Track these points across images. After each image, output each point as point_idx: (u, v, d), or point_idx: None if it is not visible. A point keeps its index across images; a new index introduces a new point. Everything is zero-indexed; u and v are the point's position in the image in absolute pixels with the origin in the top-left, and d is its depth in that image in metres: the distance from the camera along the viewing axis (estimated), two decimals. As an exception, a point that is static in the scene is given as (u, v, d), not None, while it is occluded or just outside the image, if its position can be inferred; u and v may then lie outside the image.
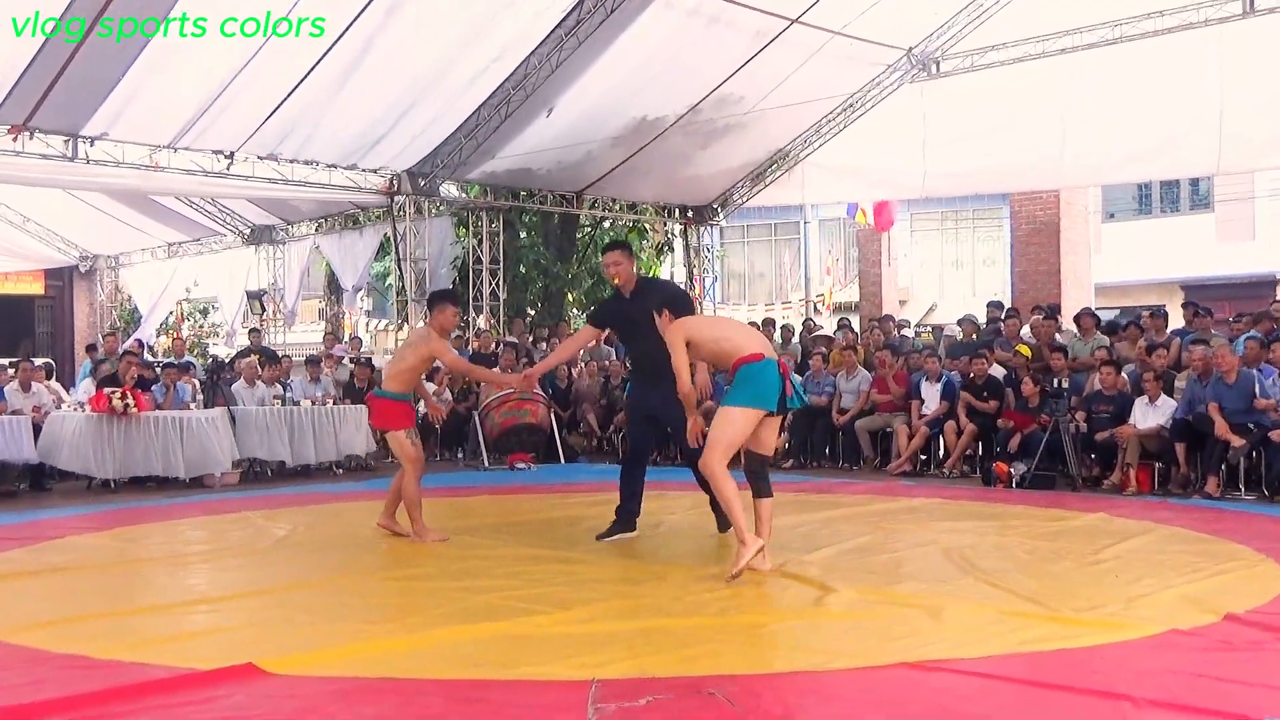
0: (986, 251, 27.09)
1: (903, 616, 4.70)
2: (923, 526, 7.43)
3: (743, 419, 5.53)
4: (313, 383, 12.99)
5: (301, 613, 4.94)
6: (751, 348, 5.63)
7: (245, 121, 12.43)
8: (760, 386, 5.53)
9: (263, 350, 14.61)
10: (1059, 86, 13.83)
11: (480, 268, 15.88)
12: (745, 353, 5.60)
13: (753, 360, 5.57)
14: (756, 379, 5.53)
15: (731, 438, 5.52)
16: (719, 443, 5.49)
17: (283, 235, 18.21)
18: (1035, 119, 14.13)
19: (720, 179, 16.82)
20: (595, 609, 4.87)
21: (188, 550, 7.01)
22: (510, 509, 8.64)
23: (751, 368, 5.55)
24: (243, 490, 10.62)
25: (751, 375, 5.54)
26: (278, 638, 4.45)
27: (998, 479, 10.01)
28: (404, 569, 6.12)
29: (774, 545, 6.56)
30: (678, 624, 4.64)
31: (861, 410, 12.00)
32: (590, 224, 18.67)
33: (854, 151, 15.68)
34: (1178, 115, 13.16)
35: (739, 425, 5.53)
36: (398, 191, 14.49)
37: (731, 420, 5.52)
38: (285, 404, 11.93)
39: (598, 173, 15.46)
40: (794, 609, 4.93)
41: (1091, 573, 5.73)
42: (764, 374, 5.54)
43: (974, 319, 13.31)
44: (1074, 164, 14.32)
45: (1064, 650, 4.12)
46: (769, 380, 5.54)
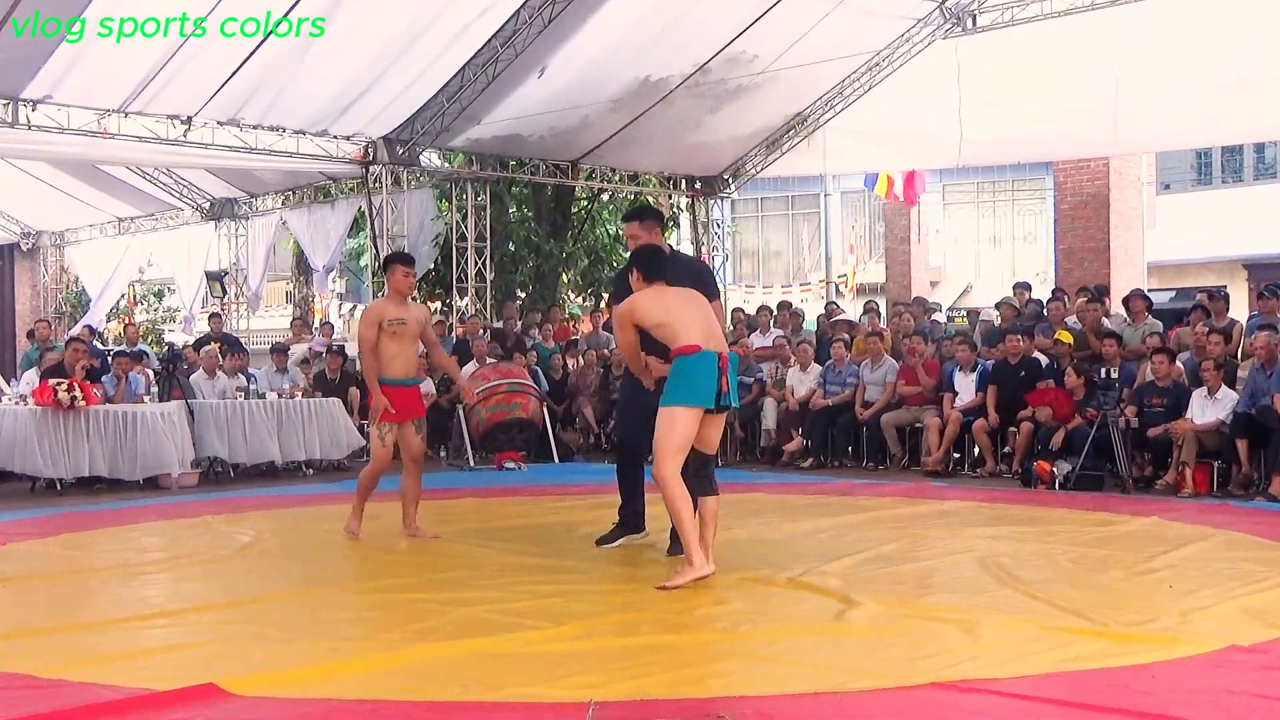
0: (1027, 227, 27.06)
1: (933, 632, 4.71)
2: (955, 532, 7.43)
3: (685, 418, 5.58)
4: (279, 373, 13.01)
5: (268, 627, 4.95)
6: (688, 338, 5.65)
7: (204, 83, 12.42)
8: (695, 381, 5.57)
9: (225, 338, 14.64)
10: (1110, 41, 13.73)
11: (465, 245, 15.89)
12: (680, 343, 5.64)
13: (686, 352, 5.61)
14: (690, 373, 5.58)
15: (678, 440, 5.56)
16: (665, 448, 5.54)
17: (246, 210, 18.21)
18: (1083, 78, 14.05)
19: (731, 147, 16.80)
20: (592, 623, 4.87)
21: (142, 559, 7.02)
22: (498, 513, 8.65)
23: (684, 361, 5.61)
24: (202, 492, 10.64)
25: (684, 369, 5.60)
26: (242, 655, 4.46)
27: (1039, 479, 10.01)
28: (381, 580, 6.13)
29: (790, 553, 6.58)
30: (683, 640, 4.65)
31: (887, 403, 12.00)
32: (587, 197, 18.66)
33: (880, 116, 15.63)
34: (1244, 72, 13.00)
35: (682, 426, 5.57)
36: (373, 161, 14.49)
37: (673, 421, 5.57)
38: (249, 397, 11.95)
39: (595, 140, 15.45)
40: (812, 624, 4.94)
41: (1143, 583, 5.74)
42: (698, 367, 5.59)
43: (1012, 301, 13.30)
44: (1126, 129, 14.26)
45: (1112, 669, 4.13)
46: (704, 374, 5.58)
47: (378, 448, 7.18)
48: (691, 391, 5.58)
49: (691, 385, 5.58)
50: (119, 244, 19.72)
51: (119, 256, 19.76)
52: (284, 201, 17.63)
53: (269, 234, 18.12)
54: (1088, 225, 18.13)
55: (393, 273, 7.25)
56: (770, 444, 12.79)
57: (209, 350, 12.72)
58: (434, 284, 17.56)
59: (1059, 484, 9.87)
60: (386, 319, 7.11)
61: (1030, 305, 13.08)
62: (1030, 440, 10.70)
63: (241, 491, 10.59)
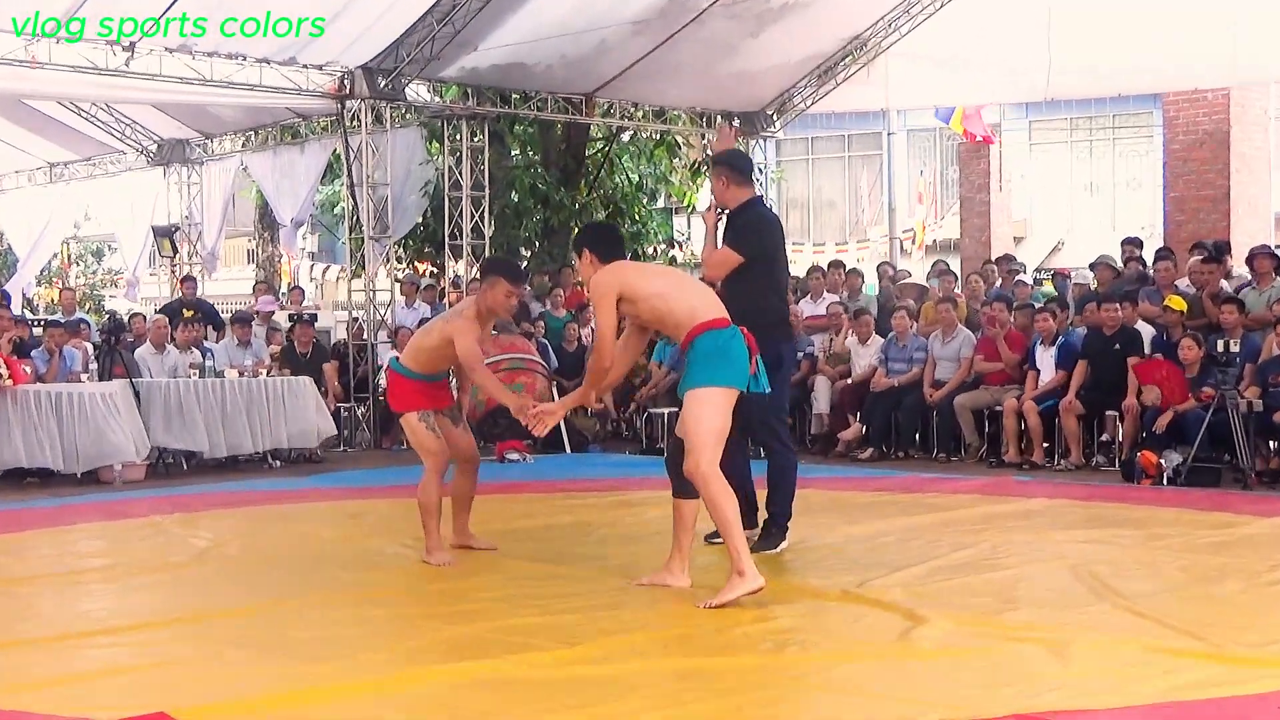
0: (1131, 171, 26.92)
1: (1016, 655, 4.72)
2: (1043, 536, 7.42)
3: (721, 401, 5.62)
4: (241, 347, 13.06)
5: (228, 648, 4.98)
6: (714, 311, 5.71)
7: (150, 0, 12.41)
8: (729, 358, 5.62)
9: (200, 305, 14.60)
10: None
11: (460, 195, 15.88)
12: (706, 317, 5.67)
13: (718, 327, 5.65)
14: (726, 351, 5.63)
15: (718, 428, 5.60)
16: (703, 438, 5.56)
17: (200, 153, 18.23)
18: (1198, -7, 13.98)
19: (776, 77, 16.73)
20: (612, 644, 4.89)
21: (81, 566, 7.06)
22: (500, 513, 8.65)
23: (719, 336, 5.64)
24: (151, 488, 10.68)
25: (721, 347, 5.63)
26: (197, 680, 4.49)
27: (1143, 473, 9.97)
28: (361, 592, 6.16)
29: (845, 560, 6.59)
30: (720, 664, 4.66)
31: (962, 383, 11.98)
32: (604, 137, 18.64)
33: (954, 40, 15.55)
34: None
35: (718, 411, 5.61)
36: (350, 94, 14.47)
37: (711, 406, 5.60)
38: (205, 375, 12.00)
39: (614, 69, 15.40)
40: (872, 644, 4.95)
41: (1267, 596, 5.73)
42: (731, 344, 5.64)
43: (1111, 261, 13.23)
44: (1250, 54, 14.14)
45: (1228, 699, 4.12)
46: (738, 351, 5.64)
47: (428, 441, 6.78)
48: (727, 370, 5.61)
49: (725, 363, 5.61)
50: (50, 194, 19.78)
51: (50, 209, 19.81)
52: (245, 143, 17.63)
53: (227, 182, 18.15)
54: (1203, 169, 18.01)
55: (494, 285, 6.62)
56: (823, 431, 12.78)
57: (157, 319, 12.75)
58: (423, 241, 17.59)
59: (1167, 478, 9.83)
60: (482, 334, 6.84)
61: (1132, 265, 13.00)
62: (1134, 426, 10.66)
63: (197, 487, 10.62)
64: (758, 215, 7.05)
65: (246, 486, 10.62)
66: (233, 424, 11.84)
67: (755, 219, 6.99)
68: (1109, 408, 11.01)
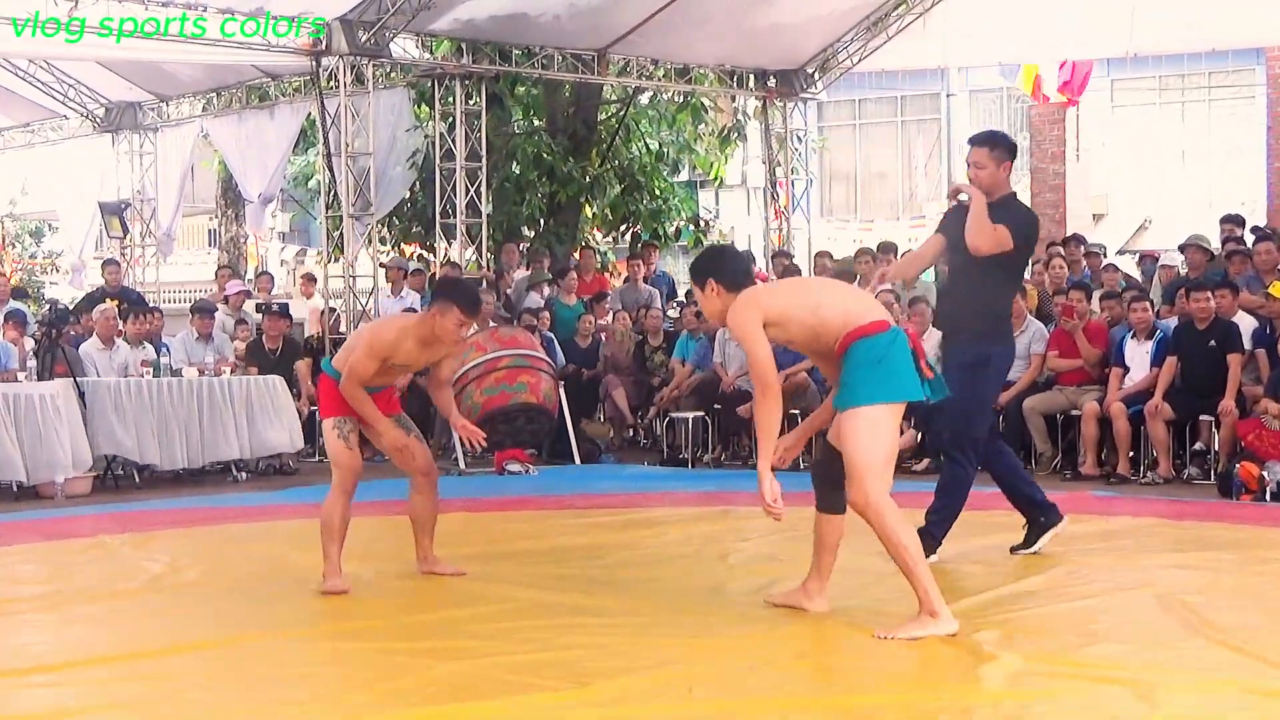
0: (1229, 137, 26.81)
1: (1097, 695, 4.71)
2: (1127, 560, 7.43)
3: (889, 420, 5.61)
4: (201, 342, 13.07)
5: (186, 686, 4.99)
6: (871, 314, 5.67)
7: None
8: (894, 368, 5.58)
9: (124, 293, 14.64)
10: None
11: (453, 166, 15.89)
12: (863, 321, 5.62)
13: (877, 331, 5.60)
14: (889, 359, 5.57)
15: (887, 452, 5.59)
16: (868, 464, 5.52)
17: (154, 118, 18.27)
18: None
19: (817, 30, 16.73)
20: (628, 684, 4.89)
21: (16, 593, 7.06)
22: (499, 533, 8.68)
23: (878, 342, 5.58)
24: (98, 504, 10.72)
25: (882, 354, 5.57)
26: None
27: (1243, 487, 9.95)
28: (341, 623, 6.18)
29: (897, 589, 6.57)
30: (750, 706, 4.66)
31: (1033, 383, 11.96)
32: (619, 99, 18.64)
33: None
34: None
35: (887, 431, 5.60)
36: (327, 51, 14.50)
37: (875, 425, 5.55)
38: (160, 374, 12.02)
39: (631, 20, 15.41)
40: (933, 683, 4.96)
41: (1387, 631, 5.71)
42: (896, 350, 5.59)
43: (1204, 241, 13.20)
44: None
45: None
46: (904, 359, 5.60)
47: (338, 453, 6.78)
48: (893, 383, 5.58)
49: (890, 374, 5.57)
50: (-18, 166, 19.91)
51: (-18, 183, 19.95)
52: (205, 107, 17.68)
53: (185, 151, 18.18)
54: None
55: (445, 313, 6.54)
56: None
57: (104, 310, 12.76)
58: (410, 219, 17.60)
59: (1270, 493, 9.82)
60: (397, 359, 6.71)
61: (1229, 247, 12.96)
62: (1233, 435, 10.64)
63: (150, 503, 10.66)
64: (1026, 208, 7.61)
65: (207, 502, 10.65)
66: (191, 431, 11.86)
67: (1026, 211, 7.54)
68: (1203, 412, 10.98)
